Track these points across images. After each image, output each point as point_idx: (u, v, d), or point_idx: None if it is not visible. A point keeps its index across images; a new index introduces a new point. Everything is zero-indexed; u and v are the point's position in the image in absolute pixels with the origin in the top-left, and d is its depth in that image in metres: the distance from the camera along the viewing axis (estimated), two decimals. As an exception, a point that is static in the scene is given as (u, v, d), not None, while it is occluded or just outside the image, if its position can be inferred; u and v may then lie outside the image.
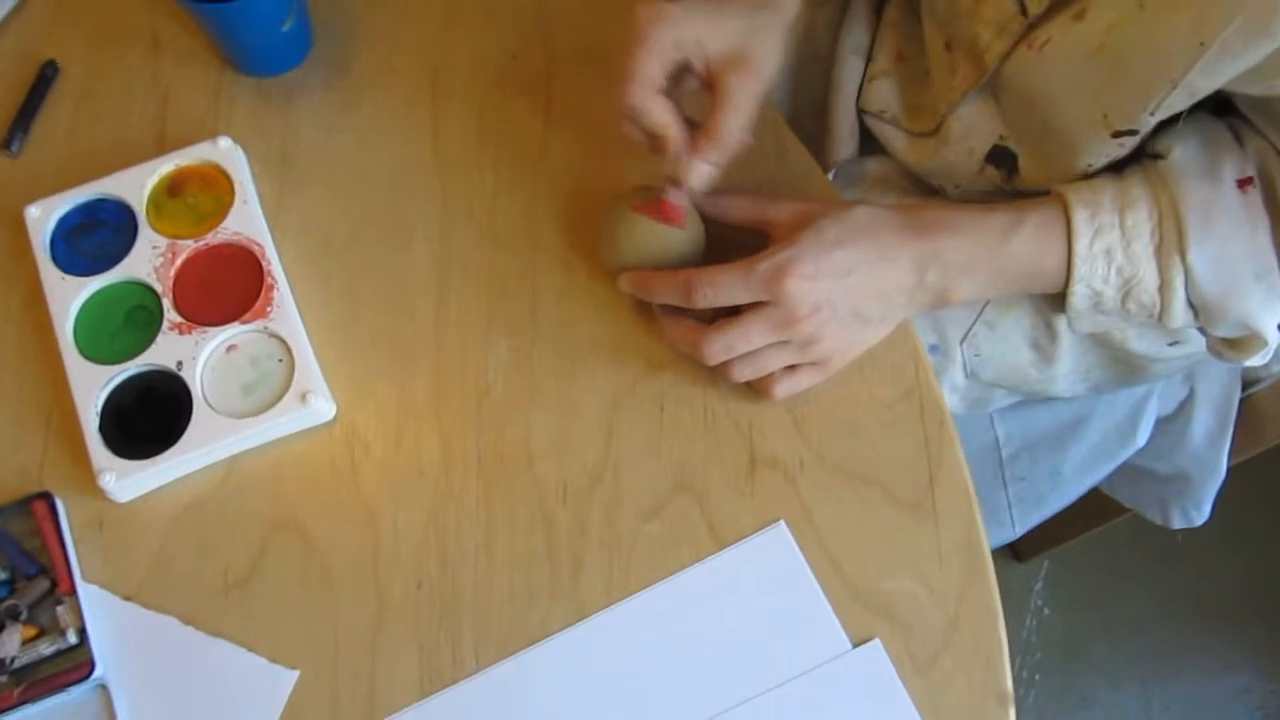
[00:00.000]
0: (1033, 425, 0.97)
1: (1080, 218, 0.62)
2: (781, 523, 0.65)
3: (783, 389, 0.65)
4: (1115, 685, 1.43)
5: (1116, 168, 0.66)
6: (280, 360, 0.67)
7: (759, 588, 0.64)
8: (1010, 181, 0.75)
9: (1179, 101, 0.59)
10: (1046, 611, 1.46)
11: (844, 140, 0.84)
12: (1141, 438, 0.95)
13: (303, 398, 0.65)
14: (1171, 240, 0.61)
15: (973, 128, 0.75)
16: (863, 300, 0.63)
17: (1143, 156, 0.65)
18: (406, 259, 0.71)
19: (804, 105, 0.87)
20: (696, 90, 0.65)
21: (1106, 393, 0.90)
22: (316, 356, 0.68)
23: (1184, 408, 0.94)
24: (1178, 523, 1.04)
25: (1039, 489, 1.01)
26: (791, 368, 0.65)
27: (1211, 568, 1.47)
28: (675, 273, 0.64)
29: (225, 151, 0.71)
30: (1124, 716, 1.42)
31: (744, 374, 0.64)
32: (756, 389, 0.66)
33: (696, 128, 0.63)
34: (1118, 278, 0.62)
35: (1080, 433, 0.96)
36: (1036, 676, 1.42)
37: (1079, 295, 0.63)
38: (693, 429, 0.67)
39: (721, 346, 0.63)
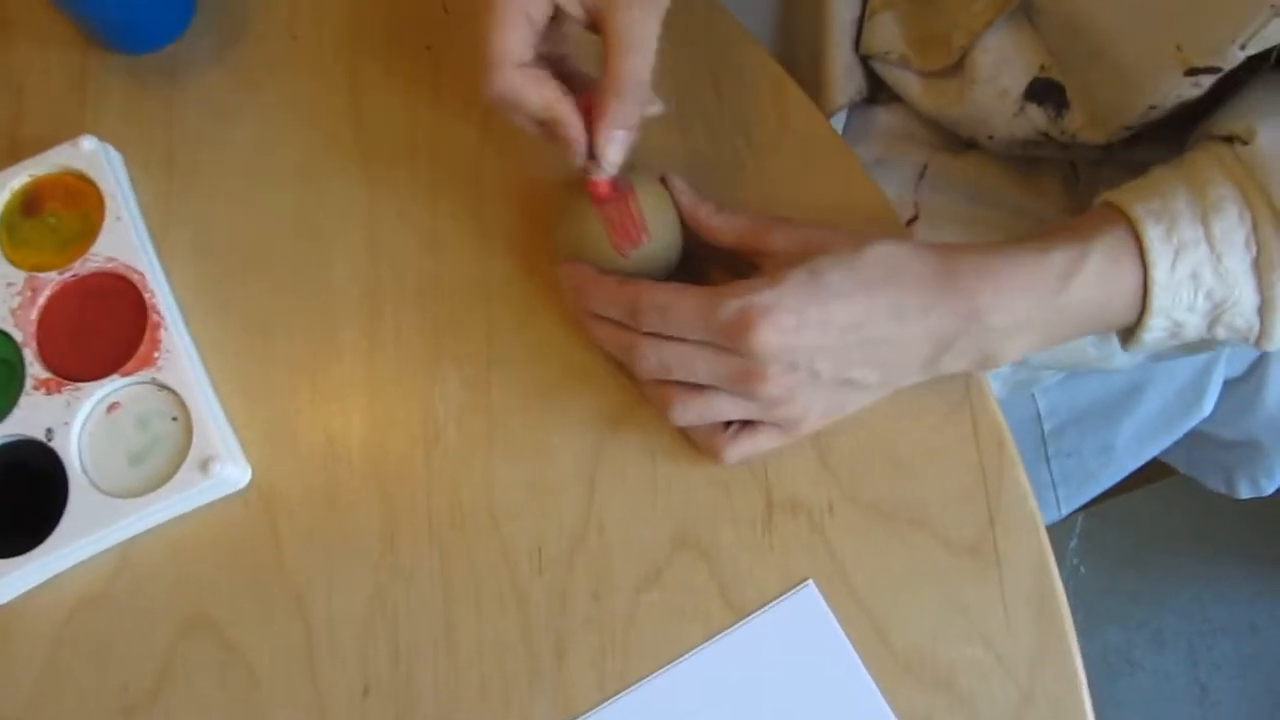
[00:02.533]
0: (1080, 396, 0.85)
1: (1154, 236, 0.48)
2: (810, 582, 0.52)
3: (734, 452, 0.51)
4: (1160, 647, 1.32)
5: (1178, 131, 0.52)
6: (174, 419, 0.54)
7: (786, 665, 0.52)
8: (1059, 122, 0.61)
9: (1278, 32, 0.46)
10: (1083, 570, 1.35)
11: (840, 88, 0.69)
12: (1208, 405, 0.83)
13: (204, 466, 0.52)
14: (1273, 248, 0.47)
15: (1005, 60, 0.61)
16: (858, 366, 0.49)
17: (1209, 140, 0.51)
18: (328, 277, 0.58)
19: (797, 55, 0.71)
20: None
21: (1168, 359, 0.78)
22: (222, 409, 0.55)
23: (1256, 368, 0.82)
24: (1244, 492, 0.92)
25: (1087, 465, 0.89)
26: (750, 422, 0.51)
27: (1266, 526, 1.36)
28: (622, 283, 0.50)
29: (91, 155, 0.57)
30: (1171, 680, 1.31)
31: (685, 416, 0.50)
32: (700, 444, 0.53)
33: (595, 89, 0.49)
34: (1206, 303, 0.48)
35: (1136, 403, 0.84)
36: (1075, 640, 1.31)
37: (1155, 329, 0.50)
38: (693, 471, 0.54)
39: (656, 361, 0.49)
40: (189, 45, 0.62)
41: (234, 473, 0.53)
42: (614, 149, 0.49)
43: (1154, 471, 1.01)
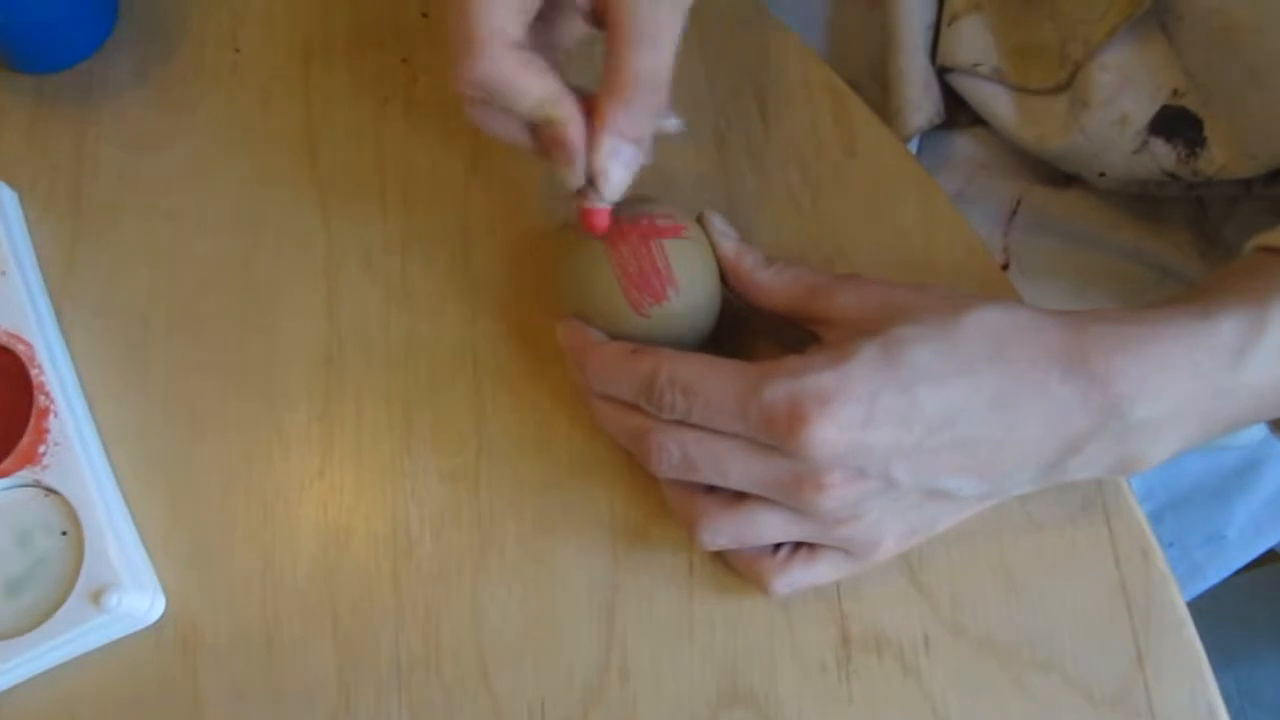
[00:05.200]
0: (1183, 474, 0.72)
1: None
2: (903, 746, 0.39)
3: (784, 582, 0.39)
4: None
5: None
6: (64, 533, 0.41)
7: None
8: (1190, 163, 0.49)
9: None
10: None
11: (913, 108, 0.57)
12: (1344, 482, 0.70)
13: (96, 597, 0.39)
14: None
15: (1128, 80, 0.49)
16: (951, 474, 0.36)
17: None
18: (274, 344, 0.45)
19: (857, 69, 0.59)
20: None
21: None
22: (130, 520, 0.42)
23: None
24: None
25: (1193, 558, 0.75)
26: (810, 546, 0.39)
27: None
28: (635, 351, 0.38)
29: (-26, 194, 0.45)
30: None
31: (715, 538, 0.38)
32: (740, 571, 0.40)
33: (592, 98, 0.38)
34: None
35: (1251, 482, 0.71)
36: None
37: None
38: (743, 596, 0.41)
39: (677, 458, 0.37)
40: (107, 60, 0.50)
41: (139, 604, 0.40)
42: (616, 167, 0.37)
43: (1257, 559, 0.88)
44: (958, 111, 0.56)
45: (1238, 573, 0.83)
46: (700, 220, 0.42)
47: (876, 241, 0.46)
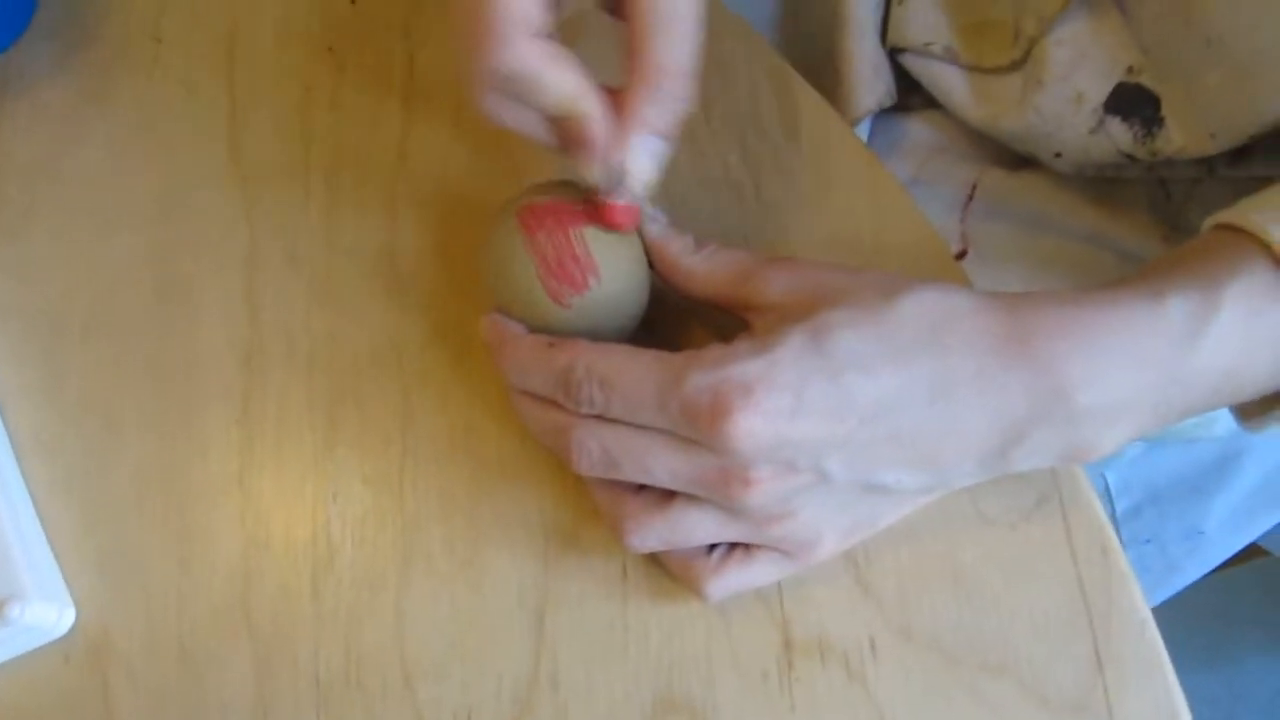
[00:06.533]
0: (1160, 469, 0.70)
1: None
2: (848, 756, 0.37)
3: (719, 586, 0.36)
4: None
5: None
6: (-35, 543, 0.39)
7: None
8: (1148, 144, 0.47)
9: None
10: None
11: (864, 89, 0.55)
12: (1324, 474, 0.68)
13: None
14: None
15: (1083, 56, 0.47)
16: (888, 466, 0.34)
17: None
18: (192, 342, 0.44)
19: (805, 50, 0.57)
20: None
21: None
22: (39, 525, 0.40)
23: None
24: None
25: (1170, 554, 0.73)
26: (745, 547, 0.37)
27: None
28: (553, 344, 0.36)
29: (-123, 191, 0.43)
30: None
31: (643, 540, 0.36)
32: (673, 573, 0.38)
33: (614, 92, 0.35)
34: None
35: (1230, 475, 0.69)
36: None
37: None
38: (679, 601, 0.39)
39: (597, 454, 0.35)
40: (25, 51, 0.48)
41: (46, 616, 0.39)
42: (646, 161, 0.36)
43: (1239, 554, 0.86)
44: (911, 95, 0.55)
45: (1220, 568, 0.81)
46: None
47: (821, 226, 0.44)
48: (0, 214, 0.46)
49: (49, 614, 0.39)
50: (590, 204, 0.37)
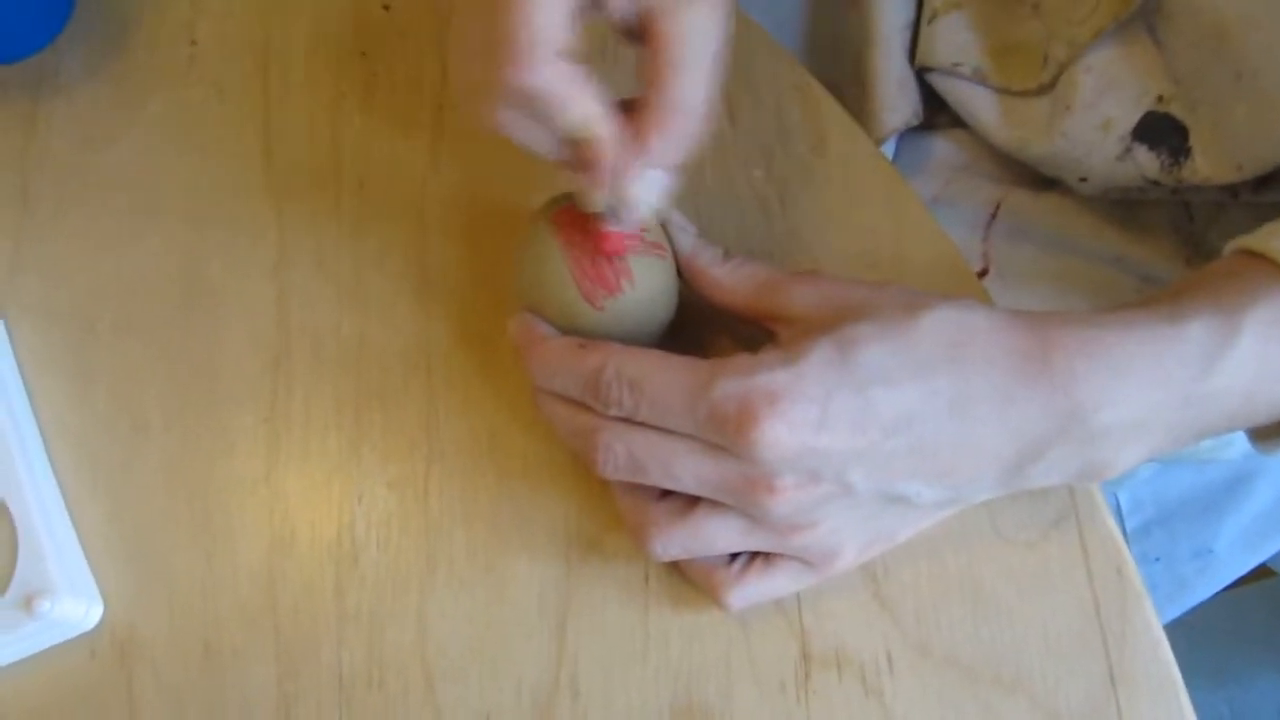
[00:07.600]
0: (1171, 488, 0.70)
1: None
2: (863, 768, 0.38)
3: (739, 595, 0.37)
4: None
5: None
6: (-4, 537, 0.40)
7: None
8: (1175, 172, 0.47)
9: None
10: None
11: (890, 108, 0.55)
12: (1335, 499, 0.68)
13: (28, 603, 0.38)
14: None
15: (1112, 84, 0.48)
16: (907, 478, 0.34)
17: None
18: (221, 344, 0.44)
19: (833, 68, 0.58)
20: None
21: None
22: (69, 521, 0.41)
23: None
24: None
25: (1180, 573, 0.73)
26: (766, 556, 0.37)
27: None
28: (583, 346, 0.36)
29: (-85, 187, 0.44)
30: None
31: (666, 548, 0.36)
32: (694, 581, 0.39)
33: (629, 113, 0.35)
34: None
35: (1242, 496, 0.69)
36: None
37: None
38: (700, 610, 0.40)
39: (624, 458, 0.35)
40: (61, 53, 0.49)
41: (74, 611, 0.39)
42: (648, 193, 0.36)
43: (1248, 574, 0.86)
44: (937, 113, 0.55)
45: (1229, 588, 0.81)
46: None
47: (845, 242, 0.44)
48: (32, 214, 0.46)
49: (77, 609, 0.39)
50: (591, 222, 0.37)
